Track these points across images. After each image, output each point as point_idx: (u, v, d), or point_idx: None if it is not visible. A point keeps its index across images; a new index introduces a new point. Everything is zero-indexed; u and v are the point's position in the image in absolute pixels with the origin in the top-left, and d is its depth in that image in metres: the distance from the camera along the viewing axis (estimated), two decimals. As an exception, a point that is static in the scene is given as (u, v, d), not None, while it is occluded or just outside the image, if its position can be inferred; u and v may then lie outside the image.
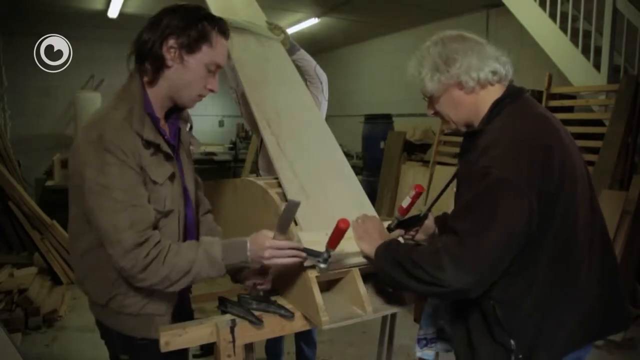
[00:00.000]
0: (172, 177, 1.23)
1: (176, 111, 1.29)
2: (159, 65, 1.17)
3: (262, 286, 1.36)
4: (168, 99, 1.22)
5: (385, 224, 1.40)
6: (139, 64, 1.19)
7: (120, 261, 1.09)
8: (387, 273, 1.20)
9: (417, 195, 1.33)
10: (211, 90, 1.24)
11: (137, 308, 1.22)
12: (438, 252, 1.08)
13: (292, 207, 1.17)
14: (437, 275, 1.06)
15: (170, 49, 1.15)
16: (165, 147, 1.20)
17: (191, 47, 1.16)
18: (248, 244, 1.18)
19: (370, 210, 1.46)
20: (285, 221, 1.19)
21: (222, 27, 1.21)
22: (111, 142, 1.08)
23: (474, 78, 1.19)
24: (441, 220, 1.48)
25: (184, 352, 1.28)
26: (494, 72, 1.20)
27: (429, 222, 1.46)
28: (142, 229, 1.10)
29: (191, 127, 1.37)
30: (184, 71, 1.18)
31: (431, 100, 1.29)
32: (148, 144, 1.15)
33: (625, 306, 1.30)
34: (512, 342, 1.13)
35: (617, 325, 1.31)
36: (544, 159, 1.09)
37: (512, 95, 1.21)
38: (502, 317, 1.13)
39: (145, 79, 1.19)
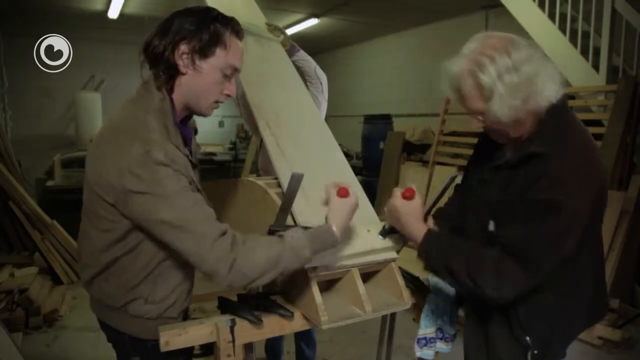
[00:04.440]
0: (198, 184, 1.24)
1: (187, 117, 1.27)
2: (173, 73, 1.13)
3: None
4: (184, 107, 1.19)
5: (381, 225, 1.40)
6: (154, 70, 1.15)
7: (208, 254, 1.05)
8: (435, 267, 1.26)
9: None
10: (228, 95, 1.19)
11: (155, 313, 1.21)
12: (500, 275, 1.12)
13: (297, 179, 1.16)
14: (493, 295, 1.13)
15: (182, 54, 1.10)
16: (191, 157, 1.19)
17: (204, 51, 1.11)
18: (334, 228, 1.18)
19: (370, 211, 1.46)
20: (291, 196, 1.18)
21: (235, 27, 1.16)
22: (163, 156, 1.05)
23: (549, 102, 1.10)
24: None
25: (190, 349, 1.29)
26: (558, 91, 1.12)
27: (429, 225, 1.46)
28: (215, 220, 1.10)
29: (196, 132, 1.35)
30: (199, 77, 1.13)
31: (480, 114, 1.15)
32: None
33: (607, 300, 1.40)
34: (528, 338, 1.20)
35: (600, 316, 1.39)
36: (601, 185, 1.13)
37: (560, 108, 1.15)
38: (522, 315, 1.20)
39: (165, 87, 1.15)
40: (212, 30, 1.11)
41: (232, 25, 1.16)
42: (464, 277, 1.16)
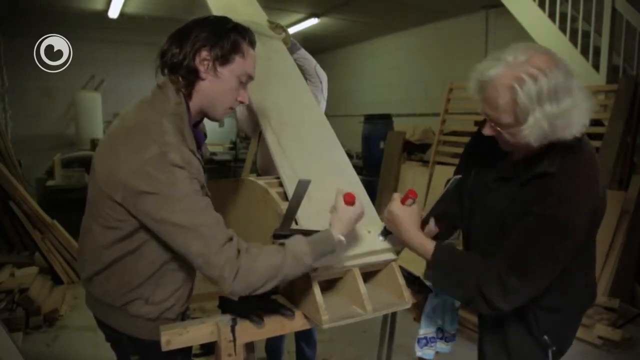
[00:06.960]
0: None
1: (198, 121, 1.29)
2: (193, 78, 1.16)
3: None
4: (200, 111, 1.22)
5: (382, 225, 1.40)
6: (172, 75, 1.17)
7: (215, 258, 1.05)
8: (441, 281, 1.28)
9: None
10: (241, 102, 1.25)
11: (155, 315, 1.21)
12: (504, 289, 1.14)
13: (303, 186, 1.17)
14: (499, 307, 1.15)
15: (203, 60, 1.15)
16: (201, 162, 1.21)
17: (225, 58, 1.16)
18: (335, 234, 1.19)
19: (371, 210, 1.46)
20: (296, 202, 1.19)
21: (251, 37, 1.23)
22: (180, 158, 1.06)
23: (575, 136, 1.09)
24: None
25: (188, 349, 1.29)
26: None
27: (431, 226, 1.45)
28: (223, 225, 1.11)
29: (205, 137, 1.37)
30: (217, 83, 1.18)
31: (505, 128, 1.12)
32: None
33: (595, 290, 1.46)
34: (546, 337, 1.26)
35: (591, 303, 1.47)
36: (597, 204, 1.15)
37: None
38: (538, 317, 1.26)
39: (183, 91, 1.17)
40: (232, 38, 1.17)
41: (249, 35, 1.22)
42: (472, 291, 1.18)
